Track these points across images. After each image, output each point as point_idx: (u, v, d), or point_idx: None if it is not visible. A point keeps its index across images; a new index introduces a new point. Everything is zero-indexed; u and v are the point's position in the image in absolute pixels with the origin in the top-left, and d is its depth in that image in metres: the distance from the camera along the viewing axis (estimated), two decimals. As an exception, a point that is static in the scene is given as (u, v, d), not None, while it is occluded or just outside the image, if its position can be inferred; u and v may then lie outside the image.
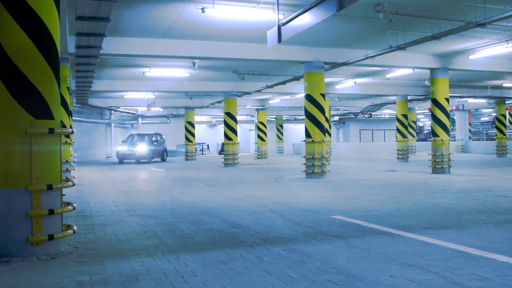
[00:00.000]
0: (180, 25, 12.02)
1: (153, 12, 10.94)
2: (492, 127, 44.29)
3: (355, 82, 23.05)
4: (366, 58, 14.32)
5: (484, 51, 15.90)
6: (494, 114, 34.72)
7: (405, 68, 17.50)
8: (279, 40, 9.49)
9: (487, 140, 38.97)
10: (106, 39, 11.37)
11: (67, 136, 12.91)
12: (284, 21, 9.35)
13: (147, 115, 37.78)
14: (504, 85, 25.71)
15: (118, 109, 32.60)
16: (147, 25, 12.09)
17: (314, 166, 14.56)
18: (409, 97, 27.16)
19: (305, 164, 14.90)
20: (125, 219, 7.05)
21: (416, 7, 10.82)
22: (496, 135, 30.98)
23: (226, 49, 14.19)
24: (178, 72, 18.87)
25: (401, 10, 10.76)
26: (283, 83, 19.84)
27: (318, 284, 3.68)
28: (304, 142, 15.08)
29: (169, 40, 13.59)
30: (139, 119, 38.23)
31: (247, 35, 13.25)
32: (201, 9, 10.15)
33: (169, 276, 3.97)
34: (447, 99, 16.59)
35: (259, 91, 22.35)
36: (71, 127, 12.89)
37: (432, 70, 16.71)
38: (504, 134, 30.40)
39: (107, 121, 33.78)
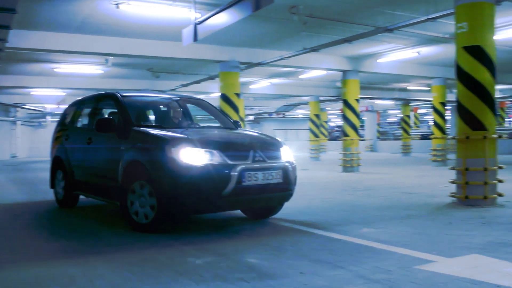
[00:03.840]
0: (93, 20, 11.64)
1: (65, 5, 10.49)
2: (398, 127, 46.64)
3: (270, 83, 23.42)
4: (281, 59, 14.60)
5: (391, 55, 16.73)
6: (400, 115, 36.59)
7: (318, 69, 18.02)
8: (195, 38, 9.46)
9: (394, 139, 40.96)
10: (12, 31, 10.77)
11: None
12: (200, 19, 9.32)
13: (56, 112, 36.24)
14: (409, 88, 27.18)
15: (24, 106, 30.97)
16: (59, 19, 11.58)
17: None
18: (321, 98, 28.01)
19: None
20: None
21: (330, 11, 11.17)
22: (401, 135, 32.67)
23: (141, 46, 13.93)
24: (90, 68, 18.29)
25: (316, 13, 11.06)
26: (198, 82, 19.80)
27: (230, 283, 3.71)
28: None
29: (82, 36, 13.11)
30: (48, 117, 36.52)
31: (163, 33, 13.08)
32: (115, 4, 9.91)
33: (76, 280, 3.84)
34: (357, 100, 17.27)
35: (174, 90, 22.13)
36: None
37: (344, 72, 17.32)
38: (409, 134, 32.13)
39: (12, 118, 31.96)
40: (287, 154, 6.33)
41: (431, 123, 27.60)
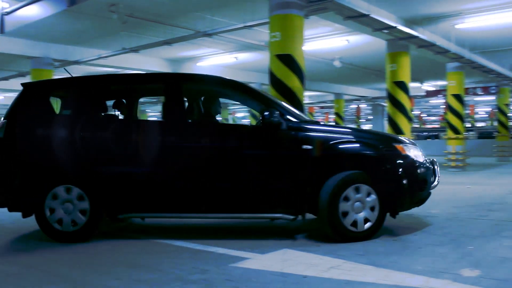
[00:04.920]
0: None
1: None
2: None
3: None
4: (99, 58, 14.15)
5: (211, 59, 17.23)
6: (219, 118, 37.86)
7: (138, 70, 17.74)
8: (2, 30, 8.73)
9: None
10: None
11: None
12: (8, 10, 8.63)
13: None
14: (228, 92, 28.16)
15: None
16: None
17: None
18: (141, 100, 27.67)
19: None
20: None
21: (151, 12, 11.08)
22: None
23: None
24: None
25: (136, 13, 10.90)
26: (6, 79, 18.17)
27: (40, 295, 3.48)
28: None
29: None
30: None
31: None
32: None
33: None
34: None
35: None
36: None
37: (165, 74, 17.33)
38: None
39: None
40: None
41: (249, 126, 29.02)
